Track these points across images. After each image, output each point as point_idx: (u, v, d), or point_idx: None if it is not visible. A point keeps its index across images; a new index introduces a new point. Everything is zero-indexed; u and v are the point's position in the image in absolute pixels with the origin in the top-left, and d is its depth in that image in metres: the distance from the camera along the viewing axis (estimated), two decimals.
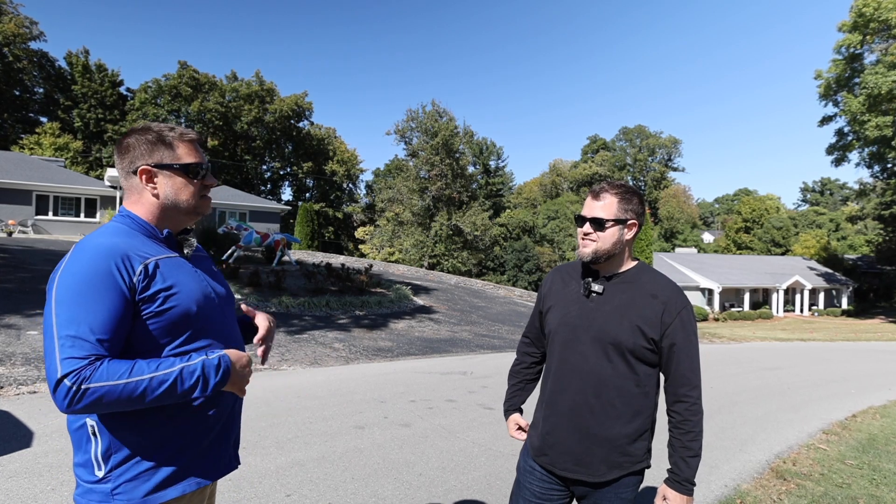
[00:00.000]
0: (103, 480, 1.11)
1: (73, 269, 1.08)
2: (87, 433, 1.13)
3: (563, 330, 1.57)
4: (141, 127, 1.25)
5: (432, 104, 36.18)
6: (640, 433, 1.51)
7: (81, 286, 1.06)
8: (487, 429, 4.42)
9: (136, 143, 1.23)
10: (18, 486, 2.85)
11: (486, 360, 7.86)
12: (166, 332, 1.15)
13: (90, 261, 1.08)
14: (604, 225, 1.50)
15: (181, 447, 1.17)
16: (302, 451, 3.64)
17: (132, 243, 1.15)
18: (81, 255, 1.10)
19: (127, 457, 1.12)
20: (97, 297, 1.06)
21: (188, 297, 1.18)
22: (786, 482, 3.65)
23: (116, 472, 1.11)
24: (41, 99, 39.30)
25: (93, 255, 1.09)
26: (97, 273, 1.07)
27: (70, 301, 1.05)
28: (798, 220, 54.16)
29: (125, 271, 1.10)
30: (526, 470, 1.65)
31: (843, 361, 11.06)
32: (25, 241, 15.29)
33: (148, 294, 1.12)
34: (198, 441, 1.20)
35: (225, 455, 1.28)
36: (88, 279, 1.07)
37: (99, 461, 1.12)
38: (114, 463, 1.12)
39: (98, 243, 1.12)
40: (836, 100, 28.50)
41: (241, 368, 1.20)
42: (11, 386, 4.63)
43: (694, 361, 1.49)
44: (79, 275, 1.07)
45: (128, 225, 1.21)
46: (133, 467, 1.12)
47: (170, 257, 1.21)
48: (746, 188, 74.29)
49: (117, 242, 1.13)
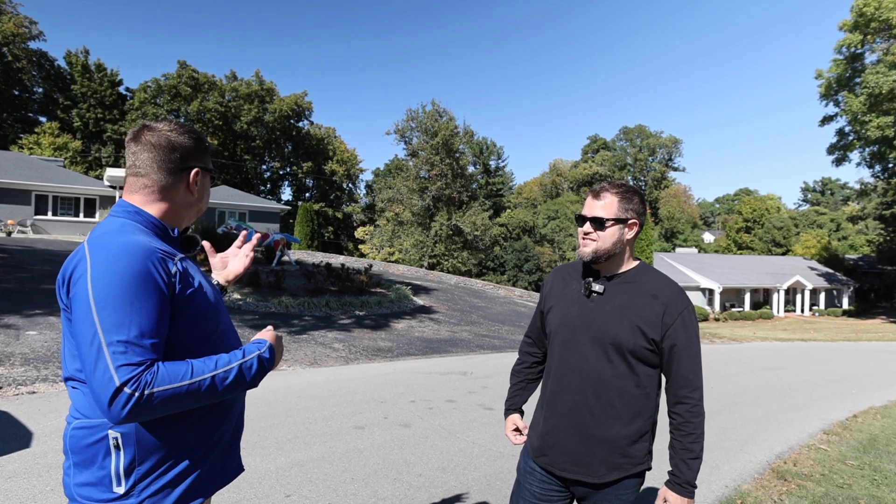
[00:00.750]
0: (125, 497, 1.05)
1: (110, 269, 1.01)
2: (108, 446, 1.06)
3: (563, 330, 1.56)
4: (184, 126, 1.23)
5: (432, 104, 36.19)
6: (640, 434, 1.50)
7: (126, 288, 1.00)
8: (487, 429, 4.42)
9: (188, 142, 1.21)
10: (17, 487, 2.84)
11: (486, 360, 7.85)
12: (196, 332, 1.14)
13: (128, 261, 1.02)
14: (604, 224, 1.49)
15: (202, 455, 1.16)
16: (302, 452, 3.63)
17: (156, 242, 1.12)
18: (112, 254, 1.03)
19: (151, 468, 1.08)
20: (143, 300, 1.01)
21: (209, 297, 1.19)
22: (786, 483, 3.65)
23: (140, 486, 1.06)
24: (40, 98, 39.30)
25: (129, 255, 1.03)
26: (139, 274, 1.02)
27: (114, 304, 0.99)
28: (799, 220, 54.15)
29: (163, 272, 1.06)
30: (526, 471, 1.64)
31: (844, 362, 11.05)
32: (25, 241, 15.28)
33: (184, 295, 1.11)
34: (215, 447, 1.19)
35: (235, 459, 1.28)
36: (131, 281, 1.01)
37: (120, 476, 1.06)
38: (137, 476, 1.06)
39: (128, 242, 1.05)
40: (837, 99, 28.49)
41: (279, 343, 1.27)
42: (11, 386, 4.62)
43: (695, 363, 1.47)
44: (120, 275, 1.00)
45: (139, 223, 1.15)
46: (157, 480, 1.08)
47: (186, 257, 1.20)
48: (747, 188, 74.37)
49: (145, 241, 1.08)
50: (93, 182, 23.57)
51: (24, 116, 38.34)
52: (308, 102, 47.18)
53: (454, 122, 35.78)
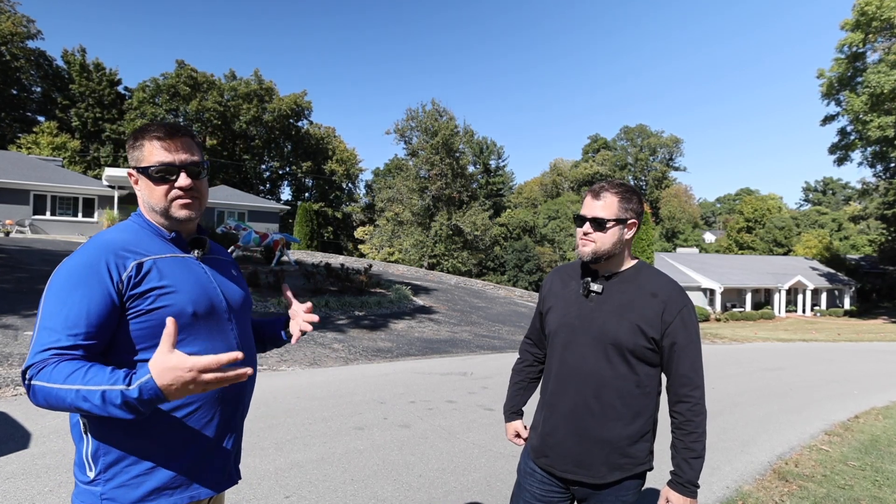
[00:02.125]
0: (94, 482, 1.09)
1: (65, 263, 1.10)
2: (80, 431, 1.11)
3: (562, 331, 1.56)
4: (139, 127, 1.26)
5: (432, 103, 36.16)
6: (641, 434, 1.49)
7: (66, 280, 1.07)
8: (487, 430, 4.40)
9: (129, 142, 1.23)
10: (16, 488, 2.83)
11: (486, 360, 7.84)
12: (155, 333, 1.09)
13: (80, 255, 1.10)
14: (604, 225, 1.48)
15: (172, 455, 1.12)
16: (301, 453, 3.61)
17: (134, 240, 1.16)
18: (80, 249, 1.12)
19: (116, 459, 1.09)
20: (76, 291, 1.06)
21: (184, 298, 1.14)
22: (788, 483, 3.63)
23: (106, 475, 1.09)
24: (38, 98, 39.19)
25: (86, 250, 1.11)
26: (83, 267, 1.08)
27: (53, 294, 1.06)
28: (800, 219, 54.09)
29: (114, 267, 1.09)
30: (526, 471, 1.64)
31: (846, 362, 11.04)
32: (23, 241, 15.28)
33: (137, 291, 1.10)
34: (190, 451, 1.14)
35: (224, 468, 1.23)
36: (74, 273, 1.07)
37: (89, 461, 1.09)
38: (103, 465, 1.09)
39: (97, 239, 1.14)
40: (839, 99, 28.47)
41: (171, 376, 0.91)
42: (9, 387, 4.61)
43: (696, 361, 1.47)
44: (67, 268, 1.09)
45: (138, 223, 1.22)
46: (123, 472, 1.09)
47: (174, 257, 1.19)
48: (748, 188, 74.32)
49: (116, 238, 1.14)
50: (91, 182, 23.51)
51: (22, 116, 38.27)
52: (307, 102, 47.14)
53: (454, 122, 35.78)
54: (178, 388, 0.92)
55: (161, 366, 0.91)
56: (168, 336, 0.93)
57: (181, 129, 1.23)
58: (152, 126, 1.21)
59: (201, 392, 0.95)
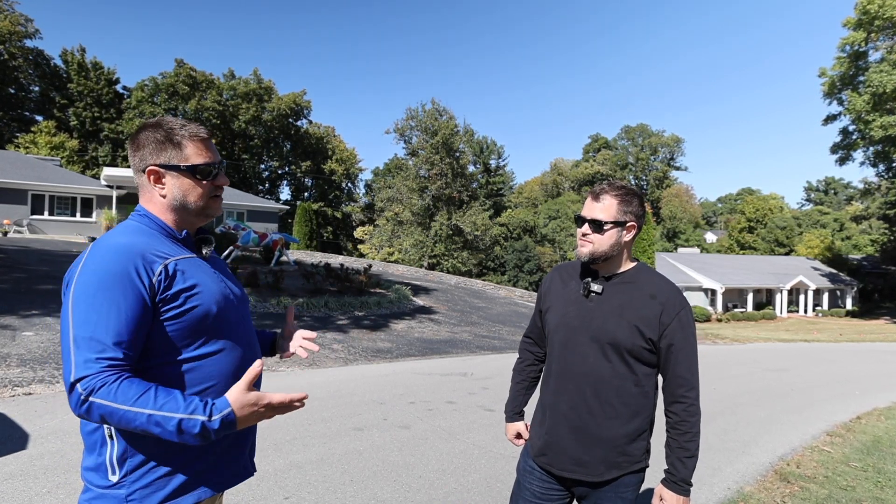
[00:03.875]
0: (117, 485, 1.09)
1: (91, 268, 1.07)
2: (104, 435, 1.11)
3: (562, 330, 1.58)
4: (153, 123, 1.22)
5: (432, 103, 36.10)
6: (638, 433, 1.52)
7: (99, 286, 1.05)
8: (487, 430, 4.39)
9: (145, 141, 1.20)
10: (14, 489, 2.82)
11: (486, 361, 7.83)
12: (186, 334, 1.13)
13: (108, 261, 1.07)
14: (602, 227, 1.50)
15: (197, 453, 1.15)
16: (300, 454, 3.60)
17: (151, 243, 1.15)
18: (99, 254, 1.08)
19: (142, 461, 1.10)
20: (114, 298, 1.04)
21: (209, 298, 1.17)
22: (789, 484, 3.62)
23: (131, 478, 1.09)
24: (37, 97, 39.14)
25: (111, 254, 1.08)
26: (115, 273, 1.06)
27: (86, 301, 1.04)
28: (802, 219, 53.96)
29: (144, 272, 1.08)
30: (526, 470, 1.66)
31: (847, 363, 11.01)
32: (21, 241, 15.28)
33: (169, 294, 1.11)
34: (213, 448, 1.18)
35: (240, 462, 1.26)
36: (106, 279, 1.05)
37: (114, 465, 1.10)
38: (129, 467, 1.09)
39: (116, 242, 1.11)
40: (841, 98, 28.42)
41: (248, 411, 1.05)
42: (7, 387, 4.59)
43: (692, 362, 1.50)
44: (97, 274, 1.06)
45: (146, 224, 1.20)
46: (148, 473, 1.10)
47: (188, 258, 1.20)
48: (750, 187, 74.18)
49: (135, 242, 1.12)
50: (90, 182, 23.49)
51: (20, 115, 38.23)
52: (307, 101, 47.09)
53: (454, 121, 35.75)
54: (249, 420, 1.06)
55: (241, 402, 1.04)
56: (251, 374, 1.05)
57: (209, 129, 1.27)
58: (188, 125, 1.22)
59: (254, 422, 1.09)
